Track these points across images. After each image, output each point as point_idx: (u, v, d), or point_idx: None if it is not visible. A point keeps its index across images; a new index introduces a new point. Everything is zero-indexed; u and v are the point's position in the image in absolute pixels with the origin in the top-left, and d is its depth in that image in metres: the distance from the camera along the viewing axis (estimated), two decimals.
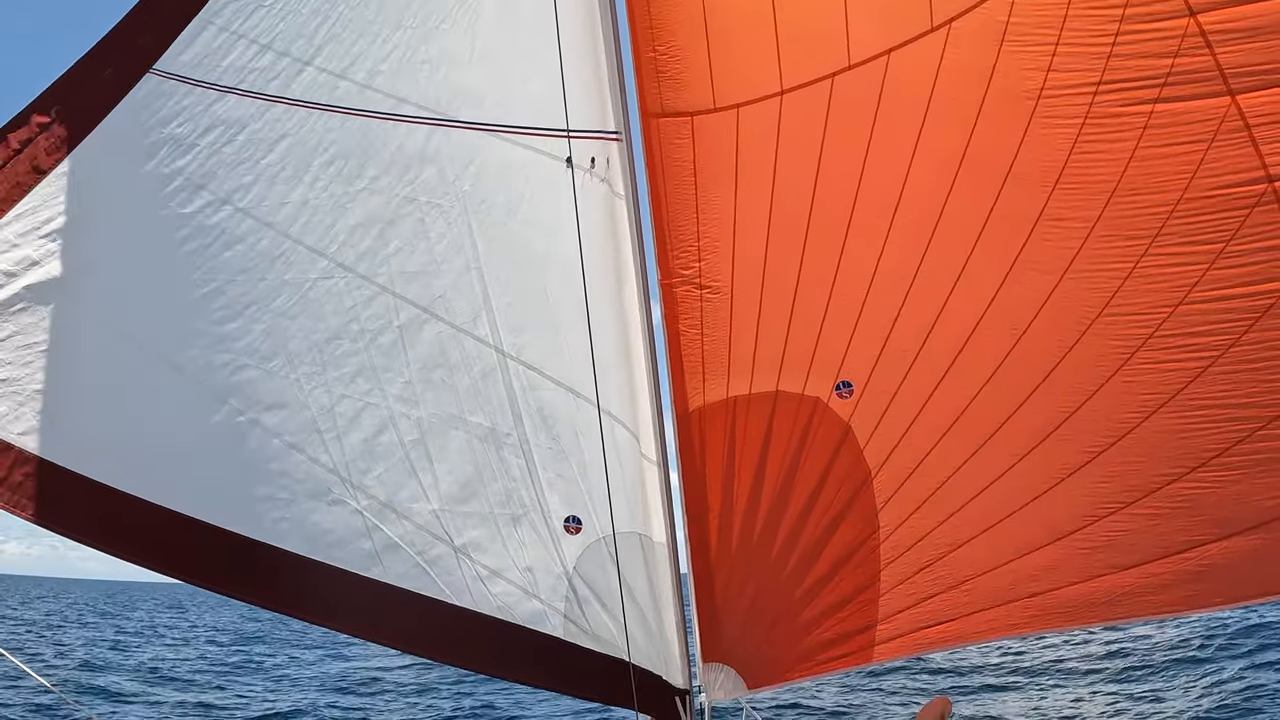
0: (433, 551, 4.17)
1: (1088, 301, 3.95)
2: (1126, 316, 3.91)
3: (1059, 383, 4.02)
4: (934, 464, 4.15)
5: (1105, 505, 4.00)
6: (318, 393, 4.05)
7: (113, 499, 3.79)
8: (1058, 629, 4.27)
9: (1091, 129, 3.84)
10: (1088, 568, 4.08)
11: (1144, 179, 3.79)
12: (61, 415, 3.71)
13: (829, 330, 4.22)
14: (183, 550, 3.98)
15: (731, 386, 4.29)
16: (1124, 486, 4.00)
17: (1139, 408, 3.94)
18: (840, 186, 4.13)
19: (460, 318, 4.14)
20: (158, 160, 3.88)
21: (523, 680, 4.48)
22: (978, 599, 4.19)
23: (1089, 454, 4.01)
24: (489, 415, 4.17)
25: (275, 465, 4.03)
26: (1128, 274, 3.89)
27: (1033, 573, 4.12)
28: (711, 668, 4.28)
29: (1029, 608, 4.16)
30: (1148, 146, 3.75)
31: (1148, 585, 4.05)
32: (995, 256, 4.02)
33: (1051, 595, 4.13)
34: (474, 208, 4.12)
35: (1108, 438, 4.00)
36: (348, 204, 4.05)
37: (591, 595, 4.24)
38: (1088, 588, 4.11)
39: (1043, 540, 4.09)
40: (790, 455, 4.28)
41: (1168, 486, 3.94)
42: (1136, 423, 3.95)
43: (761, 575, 4.27)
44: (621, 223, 4.14)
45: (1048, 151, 3.90)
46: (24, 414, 3.66)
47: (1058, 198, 3.93)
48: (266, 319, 3.99)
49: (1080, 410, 4.02)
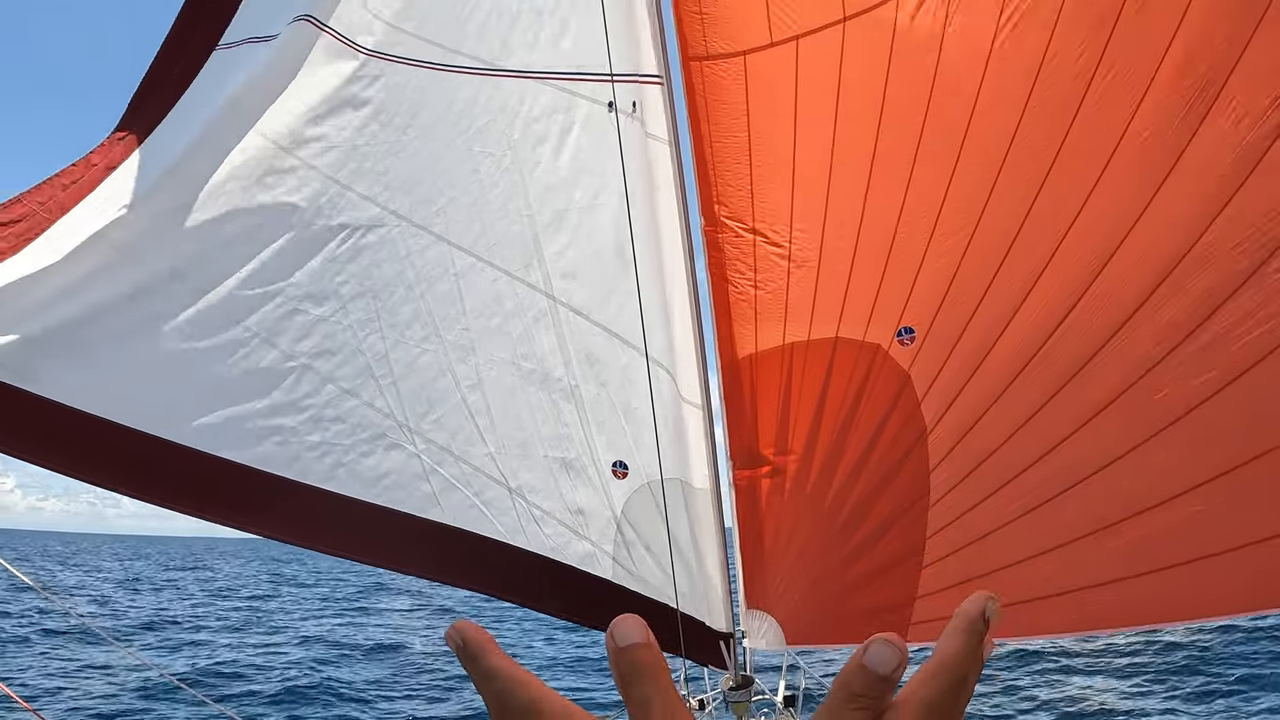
0: (489, 493, 4.29)
1: (1171, 241, 3.59)
2: (1217, 261, 3.54)
3: (1137, 335, 3.70)
4: (990, 424, 3.91)
5: (1177, 484, 3.65)
6: (372, 339, 4.13)
7: (165, 449, 3.92)
8: (1105, 630, 3.98)
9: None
10: (1154, 556, 3.74)
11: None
12: (106, 365, 3.87)
13: (892, 273, 4.01)
14: (232, 497, 4.09)
15: (789, 333, 4.16)
16: (1202, 462, 3.64)
17: (1229, 366, 3.57)
18: (906, 120, 3.88)
19: (513, 265, 4.16)
20: (212, 110, 3.97)
21: (572, 619, 4.57)
22: (1025, 587, 3.92)
23: (1165, 421, 3.67)
24: (541, 361, 4.21)
25: (330, 411, 4.14)
26: (1219, 211, 3.50)
27: (1095, 560, 3.81)
28: (754, 615, 4.26)
29: (1082, 603, 3.86)
30: None
31: (1216, 580, 3.71)
32: (1068, 192, 3.71)
33: (1103, 590, 3.83)
34: (524, 155, 4.10)
35: (1188, 402, 3.65)
36: (399, 152, 4.07)
37: (637, 539, 4.28)
38: (1155, 580, 3.77)
39: (1099, 524, 3.79)
40: (848, 405, 4.13)
41: (1252, 462, 3.57)
42: (1222, 384, 3.59)
43: (811, 527, 4.18)
44: (660, 168, 4.03)
45: (1130, 74, 3.54)
46: (66, 365, 3.82)
47: (1139, 123, 3.57)
48: (318, 265, 4.05)
49: (1158, 366, 3.69)
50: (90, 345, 3.77)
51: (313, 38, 3.97)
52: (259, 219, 3.95)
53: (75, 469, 3.81)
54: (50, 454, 3.76)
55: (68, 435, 3.74)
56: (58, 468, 3.78)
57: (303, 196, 4.00)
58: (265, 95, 3.98)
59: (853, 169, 3.99)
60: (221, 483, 4.00)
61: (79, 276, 3.77)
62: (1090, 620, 3.81)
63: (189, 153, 3.90)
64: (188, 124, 4.00)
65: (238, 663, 16.56)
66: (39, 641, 18.02)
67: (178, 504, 4.02)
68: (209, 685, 14.53)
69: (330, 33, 3.99)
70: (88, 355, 3.76)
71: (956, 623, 0.64)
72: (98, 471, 3.87)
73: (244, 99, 3.95)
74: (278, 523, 4.11)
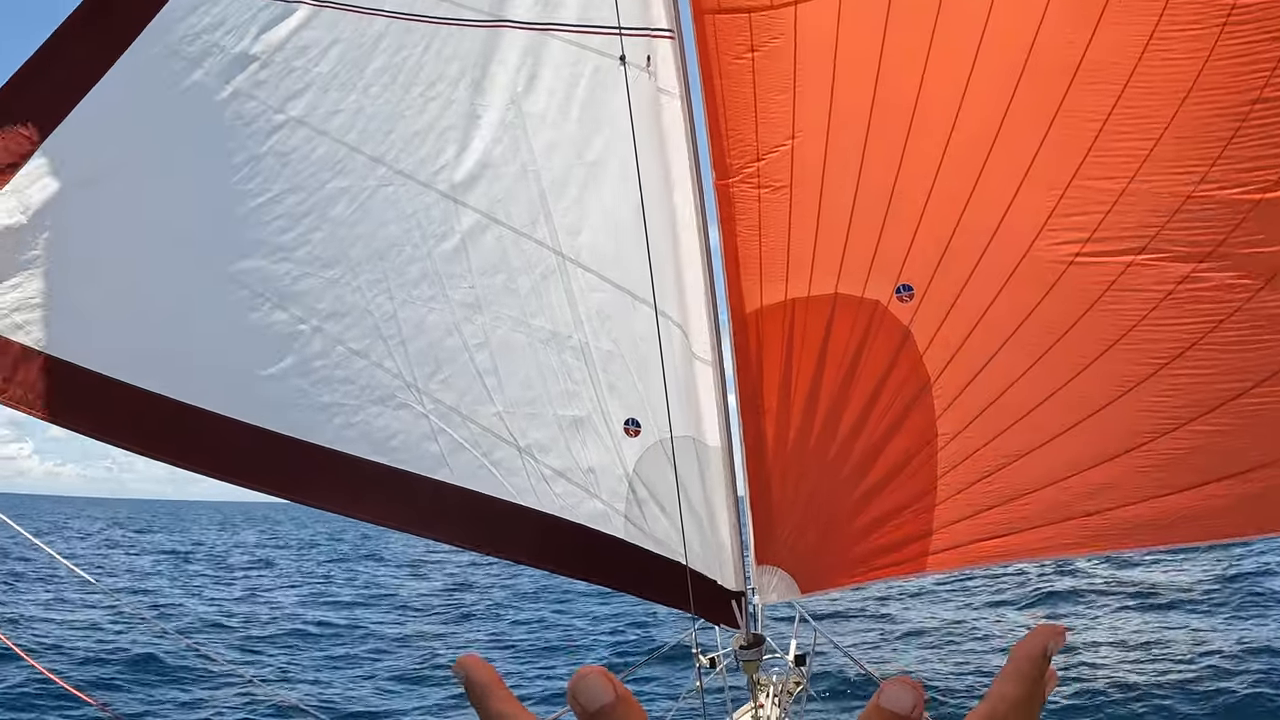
0: (498, 453, 4.25)
1: (1158, 203, 3.82)
2: (1198, 219, 3.77)
3: (1128, 290, 3.91)
4: (993, 373, 4.07)
5: (1167, 421, 3.89)
6: (380, 299, 4.08)
7: (178, 410, 3.90)
8: (1113, 550, 4.20)
9: (1167, 24, 3.68)
10: (1146, 487, 3.98)
11: (1222, 78, 3.62)
12: (114, 328, 3.80)
13: (890, 232, 4.13)
14: (245, 457, 4.07)
15: (790, 289, 4.24)
16: (1186, 401, 3.88)
17: (1205, 316, 3.82)
18: (902, 82, 4.01)
19: (519, 221, 4.13)
20: (203, 71, 3.89)
21: (584, 577, 4.56)
22: (1033, 515, 4.13)
23: (1152, 366, 3.89)
24: (550, 318, 4.19)
25: (340, 372, 4.10)
26: (1202, 176, 3.74)
27: (1089, 490, 4.04)
28: (765, 570, 4.30)
29: (1085, 527, 4.09)
30: (1228, 43, 3.59)
31: (1207, 508, 3.95)
32: (1061, 156, 3.90)
33: (1108, 515, 4.05)
34: (528, 109, 4.08)
35: (1173, 348, 3.88)
36: (404, 111, 4.02)
37: (649, 497, 4.28)
38: (1145, 508, 4.02)
39: (1101, 456, 4.00)
40: (849, 359, 4.23)
41: (1233, 401, 3.82)
42: (1203, 333, 3.82)
43: (817, 478, 4.26)
44: (671, 122, 4.08)
45: (1119, 48, 3.75)
46: (76, 327, 3.75)
47: (1129, 97, 3.78)
48: (325, 227, 4.01)
49: (1144, 320, 3.91)
50: (98, 306, 3.66)
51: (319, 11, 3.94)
52: (269, 185, 3.92)
53: (91, 427, 3.70)
54: (67, 412, 3.65)
55: (82, 394, 3.63)
56: (77, 427, 3.67)
57: (313, 162, 3.97)
58: (265, 71, 3.94)
59: (849, 131, 4.11)
60: (233, 443, 3.97)
61: (77, 234, 3.66)
62: (1103, 539, 4.00)
63: (168, 110, 3.81)
64: (159, 78, 3.90)
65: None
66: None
67: (189, 463, 3.98)
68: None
69: (319, 3, 3.95)
70: (95, 316, 3.66)
71: (1016, 664, 0.60)
72: (114, 430, 3.76)
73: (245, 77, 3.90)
74: (288, 483, 4.04)
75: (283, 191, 3.95)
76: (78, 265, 3.77)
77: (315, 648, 15.82)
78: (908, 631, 14.97)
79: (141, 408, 3.76)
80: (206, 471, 4.01)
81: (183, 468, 3.93)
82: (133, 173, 3.86)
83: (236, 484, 4.06)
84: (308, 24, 3.92)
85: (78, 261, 3.77)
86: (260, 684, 11.14)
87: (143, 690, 12.06)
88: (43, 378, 3.66)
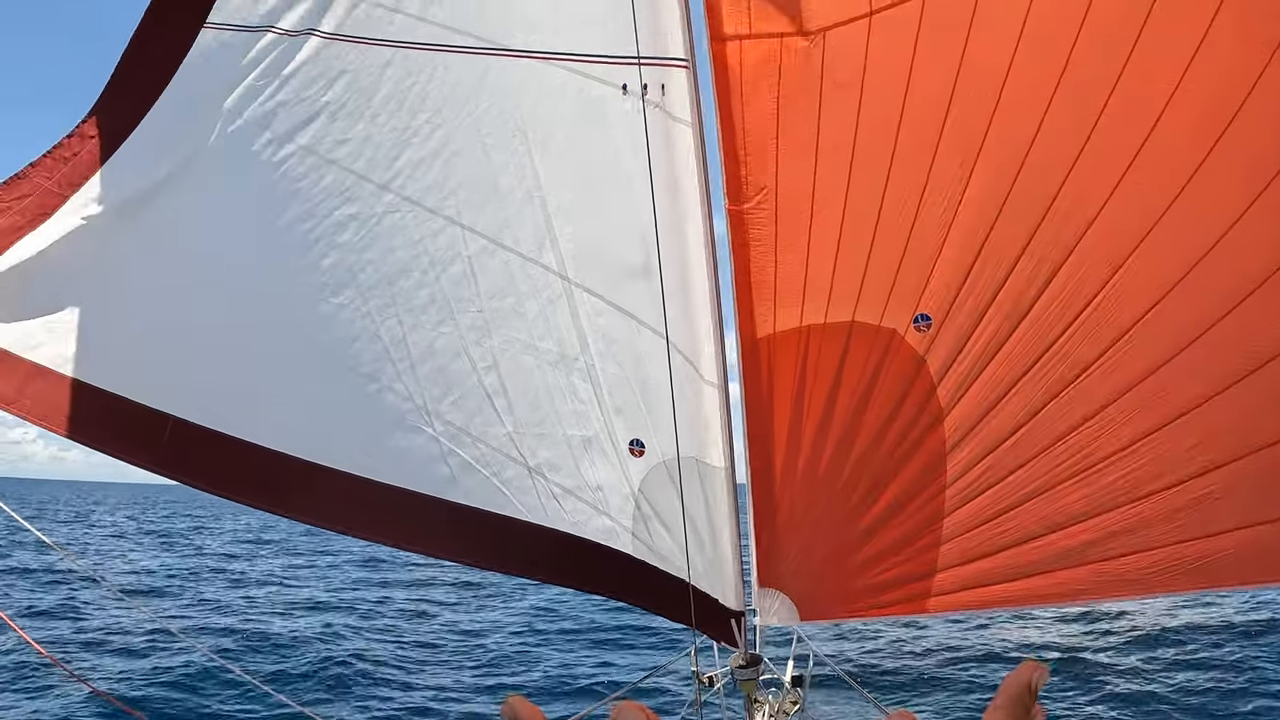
0: (507, 472, 4.33)
1: (1197, 236, 3.68)
2: (1246, 251, 3.64)
3: (1155, 328, 3.79)
4: (1008, 410, 3.98)
5: (1193, 467, 3.78)
6: (390, 324, 4.16)
7: (196, 433, 4.05)
8: (1133, 597, 4.10)
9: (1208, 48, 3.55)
10: (1169, 533, 3.87)
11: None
12: (126, 351, 3.93)
13: (910, 261, 4.05)
14: (259, 478, 4.18)
15: (806, 315, 4.19)
16: (1219, 445, 3.77)
17: (1251, 354, 3.69)
18: (928, 111, 3.90)
19: (526, 246, 4.15)
20: (219, 107, 3.96)
21: (594, 591, 4.63)
22: (1043, 560, 4.05)
23: (1182, 410, 3.78)
24: (557, 341, 4.22)
25: (349, 396, 4.20)
26: (1246, 208, 3.60)
27: (1108, 533, 3.95)
28: (767, 593, 4.32)
29: (1100, 573, 4.00)
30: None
31: (1242, 550, 3.85)
32: (1090, 188, 3.78)
33: (1127, 560, 3.95)
34: (534, 137, 4.07)
35: (1205, 392, 3.76)
36: (411, 139, 4.05)
37: (654, 515, 4.32)
38: (1171, 553, 3.92)
39: (1118, 502, 3.90)
40: (862, 387, 4.19)
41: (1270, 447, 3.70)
42: (1245, 373, 3.70)
43: (824, 506, 4.24)
44: (681, 149, 4.03)
45: (1154, 74, 3.61)
46: (89, 350, 3.88)
47: (1165, 124, 3.65)
48: (334, 254, 4.08)
49: (1178, 358, 3.79)
50: (113, 326, 3.80)
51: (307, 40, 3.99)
52: (277, 214, 4.00)
53: (104, 444, 3.88)
54: (80, 429, 3.81)
55: (96, 414, 3.79)
56: (87, 441, 3.83)
57: (322, 189, 4.03)
58: (273, 102, 4.01)
59: (872, 159, 4.01)
60: (246, 466, 4.10)
61: (96, 257, 3.78)
62: (1109, 587, 3.94)
63: (194, 142, 3.91)
64: (186, 115, 4.01)
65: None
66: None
67: (200, 482, 4.17)
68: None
69: (325, 35, 4.00)
70: (109, 335, 3.80)
71: (1002, 699, 0.61)
72: (123, 449, 3.95)
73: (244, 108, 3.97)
74: (296, 505, 4.17)
75: (292, 219, 4.03)
76: (90, 289, 3.90)
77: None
78: (912, 650, 14.80)
79: (151, 424, 3.90)
80: (214, 490, 4.14)
81: (193, 486, 4.07)
82: (151, 201, 3.97)
83: (245, 503, 4.20)
84: (317, 56, 3.96)
85: (91, 286, 3.91)
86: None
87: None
88: (52, 393, 3.82)
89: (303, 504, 4.24)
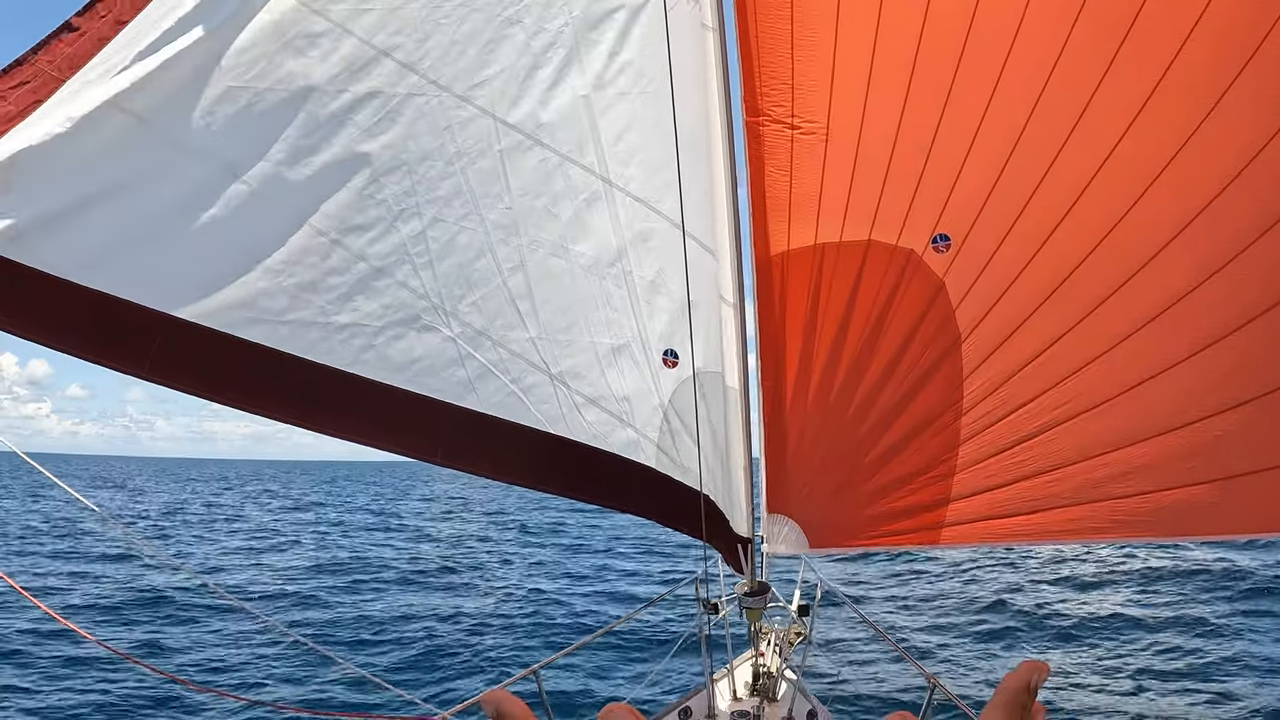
0: (528, 380, 4.19)
1: (1220, 164, 3.53)
2: (1267, 183, 3.49)
3: (1176, 257, 3.64)
4: (1028, 335, 3.83)
5: (1211, 404, 3.64)
6: (407, 214, 3.92)
7: (182, 329, 3.63)
8: (1147, 538, 3.94)
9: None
10: (1184, 473, 3.70)
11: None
12: (121, 242, 3.49)
13: (929, 180, 3.93)
14: (252, 380, 3.82)
15: (821, 233, 4.09)
16: (1238, 382, 3.62)
17: (1273, 288, 3.53)
18: (949, 27, 3.80)
19: (566, 146, 4.02)
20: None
21: (610, 505, 4.53)
22: (1059, 494, 3.89)
23: (1201, 343, 3.63)
24: (593, 245, 4.12)
25: (360, 290, 3.90)
26: (1266, 142, 3.45)
27: (1123, 472, 3.78)
28: (776, 519, 4.22)
29: (1115, 511, 3.85)
30: None
31: (1252, 497, 3.69)
32: (1116, 108, 3.65)
33: (1141, 499, 3.80)
34: (583, 35, 3.95)
35: (1226, 325, 3.61)
36: (441, 19, 3.83)
37: (683, 428, 4.24)
38: (1183, 494, 3.76)
39: (1141, 434, 3.74)
40: (878, 309, 4.07)
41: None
42: (1265, 308, 3.55)
43: (836, 433, 4.13)
44: (711, 56, 3.93)
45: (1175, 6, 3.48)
46: (79, 240, 3.44)
47: (1191, 48, 3.51)
48: (348, 134, 3.78)
49: (1198, 290, 3.64)
50: (103, 221, 3.47)
51: None
52: (288, 86, 3.67)
53: (87, 350, 3.53)
54: (61, 335, 3.50)
55: (83, 314, 3.47)
56: (72, 349, 3.51)
57: (335, 62, 3.72)
58: None
59: (891, 75, 3.89)
60: (241, 365, 3.75)
61: (94, 147, 3.43)
62: (1121, 527, 3.79)
63: (209, 11, 3.62)
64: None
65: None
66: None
67: (194, 388, 3.76)
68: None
69: None
70: (99, 230, 3.47)
71: (1001, 697, 0.61)
72: (112, 355, 3.60)
73: None
74: (298, 409, 3.90)
75: (300, 95, 3.72)
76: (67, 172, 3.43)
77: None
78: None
79: (140, 323, 3.54)
80: (204, 394, 3.79)
81: (181, 390, 3.70)
82: (149, 84, 3.49)
83: (245, 410, 3.86)
84: None
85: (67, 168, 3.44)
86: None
87: None
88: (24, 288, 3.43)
89: (305, 410, 3.90)
